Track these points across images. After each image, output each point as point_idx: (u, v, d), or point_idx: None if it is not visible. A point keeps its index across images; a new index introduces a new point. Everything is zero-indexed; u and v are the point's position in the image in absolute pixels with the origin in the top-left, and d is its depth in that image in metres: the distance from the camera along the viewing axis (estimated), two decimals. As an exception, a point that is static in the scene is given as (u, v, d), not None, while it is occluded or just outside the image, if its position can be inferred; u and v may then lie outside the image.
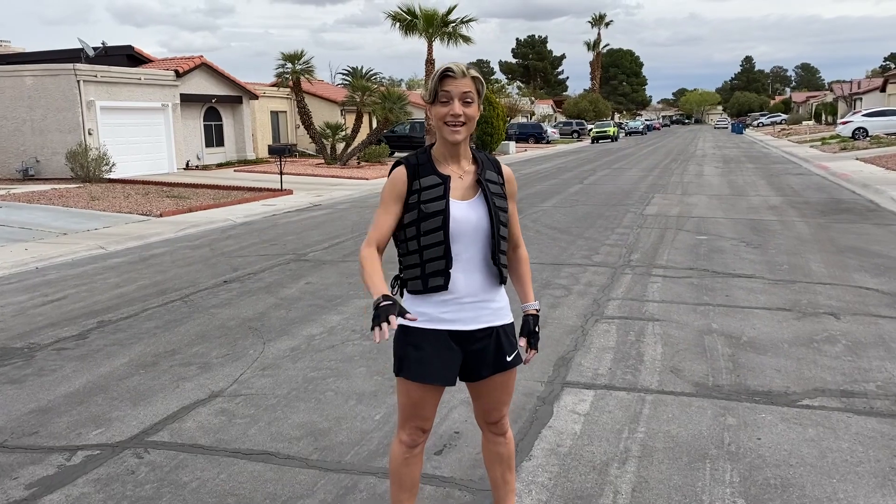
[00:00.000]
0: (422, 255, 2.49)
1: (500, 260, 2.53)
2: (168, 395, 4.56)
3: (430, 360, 2.51)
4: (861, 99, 52.29)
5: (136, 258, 9.94)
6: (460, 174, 2.54)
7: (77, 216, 14.24)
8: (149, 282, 8.19)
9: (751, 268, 8.03)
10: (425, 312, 2.52)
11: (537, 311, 2.72)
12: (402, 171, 2.52)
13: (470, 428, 3.91)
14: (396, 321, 2.17)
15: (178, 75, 24.82)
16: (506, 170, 2.65)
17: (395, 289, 2.62)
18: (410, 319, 2.24)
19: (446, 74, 2.43)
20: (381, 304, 2.21)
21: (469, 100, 2.43)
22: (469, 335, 2.54)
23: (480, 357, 2.57)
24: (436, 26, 31.48)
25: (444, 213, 2.45)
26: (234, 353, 5.36)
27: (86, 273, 8.96)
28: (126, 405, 4.40)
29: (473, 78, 2.45)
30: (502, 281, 2.57)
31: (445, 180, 2.48)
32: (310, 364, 5.05)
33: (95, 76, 21.56)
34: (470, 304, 2.52)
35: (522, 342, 2.65)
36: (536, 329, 2.69)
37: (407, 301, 2.59)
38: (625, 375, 4.70)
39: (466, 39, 32.61)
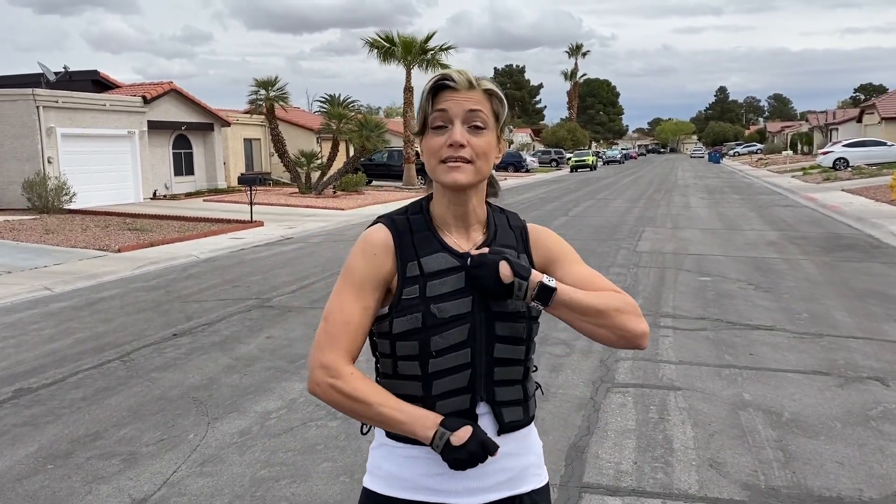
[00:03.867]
0: (429, 387, 1.50)
1: (495, 395, 1.54)
2: (75, 505, 3.55)
3: None
4: (837, 129, 52.47)
5: (81, 302, 8.89)
6: (472, 247, 1.57)
7: (27, 252, 13.14)
8: (88, 334, 7.15)
9: (768, 317, 7.19)
10: (401, 477, 1.55)
11: (553, 287, 1.48)
12: (384, 235, 1.54)
13: None
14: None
15: (146, 101, 23.81)
16: (536, 232, 1.65)
17: (367, 425, 1.59)
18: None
19: (443, 84, 1.50)
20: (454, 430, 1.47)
21: (479, 123, 1.50)
22: None
23: None
24: (414, 53, 30.89)
25: (472, 319, 1.50)
26: (169, 439, 4.36)
27: (20, 322, 7.90)
28: (16, 523, 3.40)
29: (487, 92, 1.53)
30: (502, 429, 1.55)
31: (465, 261, 1.51)
32: (260, 456, 4.06)
33: (56, 102, 20.47)
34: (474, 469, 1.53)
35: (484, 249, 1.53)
36: (519, 279, 1.46)
37: (375, 452, 1.62)
38: (655, 473, 3.77)
39: (445, 67, 32.01)
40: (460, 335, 1.49)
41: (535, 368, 1.68)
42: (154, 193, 24.51)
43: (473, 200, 1.57)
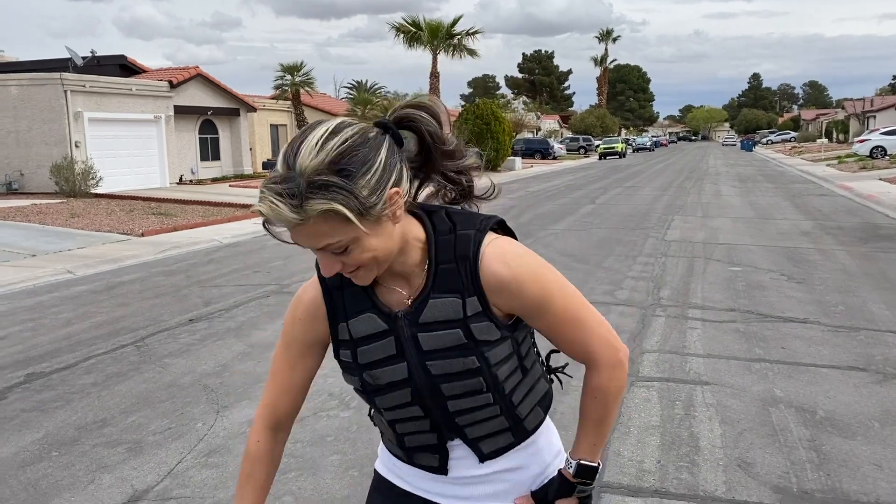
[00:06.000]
0: (393, 426, 1.42)
1: (468, 435, 1.37)
2: (76, 494, 3.45)
3: None
4: (875, 117, 51.18)
5: (101, 286, 8.87)
6: (408, 298, 1.32)
7: (52, 235, 13.22)
8: (105, 318, 7.10)
9: (801, 309, 6.91)
10: (400, 475, 1.50)
11: (590, 464, 1.42)
12: (314, 296, 1.36)
13: None
14: None
15: (173, 86, 23.86)
16: (496, 273, 1.28)
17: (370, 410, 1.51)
18: None
19: (266, 222, 1.19)
20: None
21: (335, 250, 1.20)
22: None
23: None
24: (440, 38, 30.64)
25: (412, 382, 1.31)
26: (177, 427, 4.25)
27: (40, 304, 7.88)
28: (15, 513, 3.30)
29: (324, 214, 1.14)
30: (483, 458, 1.40)
31: (393, 323, 1.30)
32: (269, 447, 3.94)
33: (84, 86, 20.59)
34: (467, 483, 1.43)
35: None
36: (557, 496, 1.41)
37: (382, 444, 1.56)
38: (679, 473, 3.57)
39: (472, 52, 31.77)
40: (402, 397, 1.34)
41: (546, 367, 1.52)
42: (180, 178, 24.61)
43: (395, 262, 1.29)
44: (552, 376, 1.53)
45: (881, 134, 35.45)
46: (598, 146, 57.60)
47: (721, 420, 4.22)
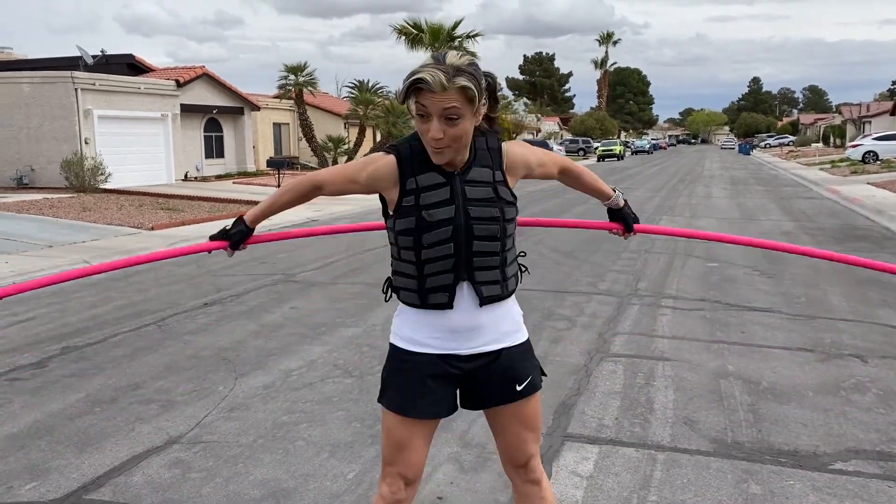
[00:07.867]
0: (421, 268, 2.04)
1: (475, 278, 2.05)
2: (120, 440, 4.06)
3: (414, 388, 2.08)
4: (870, 122, 51.84)
5: (118, 275, 9.46)
6: (459, 167, 2.05)
7: (66, 228, 13.83)
8: (126, 302, 7.72)
9: (767, 300, 7.52)
10: (414, 339, 2.11)
11: (625, 201, 2.61)
12: (390, 162, 2.02)
13: (456, 492, 3.40)
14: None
15: (179, 85, 24.48)
16: (512, 152, 2.13)
17: (387, 293, 2.20)
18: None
19: (418, 87, 1.89)
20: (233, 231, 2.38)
21: (454, 116, 1.89)
22: (465, 357, 2.11)
23: (483, 381, 2.13)
24: (442, 40, 31.21)
25: (455, 221, 1.99)
26: (201, 390, 4.87)
27: (62, 290, 8.48)
28: (71, 452, 3.91)
29: (462, 88, 1.88)
30: (482, 302, 2.08)
31: (450, 179, 2.00)
32: (282, 405, 4.55)
33: (94, 84, 21.21)
34: (464, 329, 2.09)
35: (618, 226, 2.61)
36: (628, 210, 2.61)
37: (396, 319, 2.19)
38: (633, 427, 4.19)
39: (472, 55, 32.32)
40: (444, 234, 1.99)
41: (523, 254, 2.24)
42: (185, 175, 25.22)
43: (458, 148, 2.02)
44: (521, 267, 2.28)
45: (873, 139, 36.07)
46: (596, 148, 58.21)
47: (675, 388, 4.84)
